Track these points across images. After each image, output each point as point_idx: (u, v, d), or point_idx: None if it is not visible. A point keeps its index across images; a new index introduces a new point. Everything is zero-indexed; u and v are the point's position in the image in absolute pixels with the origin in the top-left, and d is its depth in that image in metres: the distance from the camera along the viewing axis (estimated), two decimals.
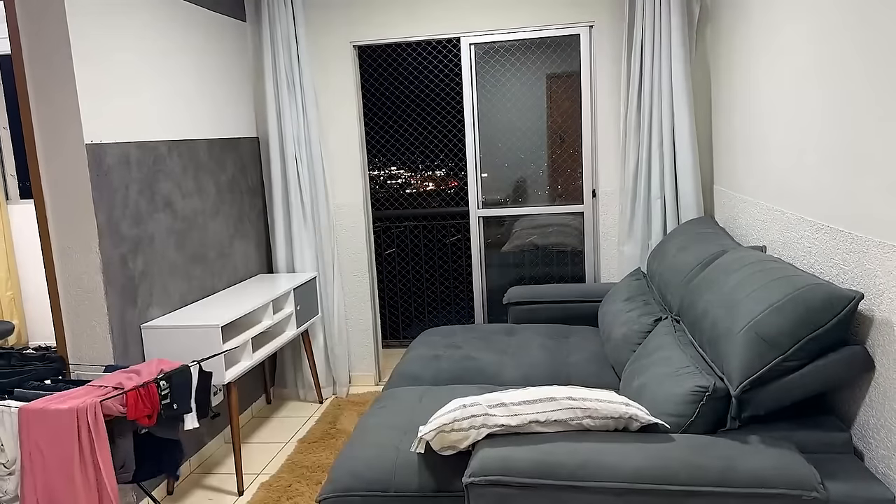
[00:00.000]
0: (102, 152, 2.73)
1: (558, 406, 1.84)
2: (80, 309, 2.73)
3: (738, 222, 3.07)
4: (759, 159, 2.72)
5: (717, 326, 2.02)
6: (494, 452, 1.78)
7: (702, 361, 2.07)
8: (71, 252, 2.70)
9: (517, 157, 4.33)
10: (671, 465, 1.69)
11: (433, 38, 3.97)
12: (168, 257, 3.13)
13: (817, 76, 2.10)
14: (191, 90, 3.37)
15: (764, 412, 1.87)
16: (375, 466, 2.06)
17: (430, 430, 1.90)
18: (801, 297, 1.81)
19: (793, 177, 2.33)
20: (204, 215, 3.44)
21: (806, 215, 2.22)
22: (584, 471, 1.70)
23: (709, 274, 2.34)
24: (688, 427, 1.88)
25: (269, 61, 3.84)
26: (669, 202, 3.62)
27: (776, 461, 1.68)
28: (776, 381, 1.84)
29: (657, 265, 3.04)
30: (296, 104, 3.88)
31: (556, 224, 4.30)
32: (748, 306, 1.92)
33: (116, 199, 2.80)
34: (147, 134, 3.02)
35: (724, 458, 1.69)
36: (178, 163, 3.24)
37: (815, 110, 2.11)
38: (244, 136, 3.90)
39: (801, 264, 2.25)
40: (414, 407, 2.48)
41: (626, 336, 2.70)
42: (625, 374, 2.41)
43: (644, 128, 3.61)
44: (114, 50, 2.83)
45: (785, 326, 1.80)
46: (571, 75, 4.02)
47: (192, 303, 3.29)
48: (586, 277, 4.06)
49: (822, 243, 2.09)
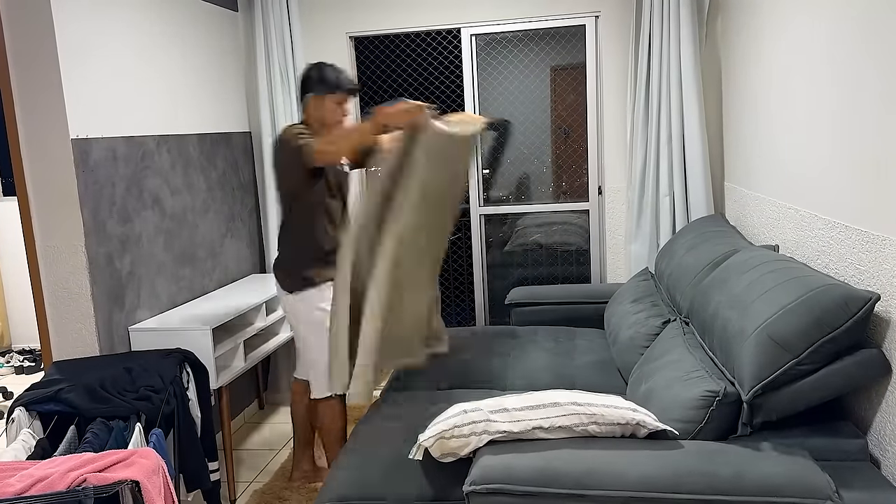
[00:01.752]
0: (88, 147, 2.72)
1: (562, 412, 1.84)
2: (66, 310, 2.73)
3: (749, 220, 3.07)
4: (772, 155, 2.72)
5: (728, 329, 2.02)
6: (496, 460, 1.78)
7: (712, 365, 2.08)
8: (56, 251, 2.70)
9: (520, 152, 4.33)
10: (679, 473, 1.69)
11: (433, 28, 3.97)
12: (157, 257, 3.13)
13: (832, 69, 2.09)
14: (180, 83, 3.37)
15: (776, 418, 1.88)
16: (373, 474, 2.06)
17: (430, 436, 1.90)
18: (815, 298, 1.81)
19: (807, 173, 2.33)
20: (194, 213, 3.44)
21: (820, 213, 2.22)
22: (589, 479, 1.70)
23: (719, 274, 2.34)
24: (697, 433, 1.88)
25: (261, 53, 3.84)
26: (678, 199, 3.62)
27: (789, 469, 1.68)
28: (789, 385, 1.84)
29: (666, 265, 3.04)
30: (289, 97, 3.88)
31: (561, 222, 4.30)
32: (760, 308, 1.92)
33: (103, 196, 2.80)
34: (135, 128, 3.02)
35: (735, 465, 1.69)
36: (167, 158, 3.24)
37: (830, 104, 2.11)
38: (236, 130, 3.90)
39: (816, 264, 2.25)
40: (413, 412, 2.48)
41: (633, 339, 2.70)
42: (632, 379, 2.42)
43: (652, 122, 3.61)
44: (100, 41, 2.83)
45: (798, 329, 1.80)
46: (577, 67, 4.02)
47: (182, 304, 3.29)
48: (592, 278, 4.06)
49: (836, 242, 2.09)
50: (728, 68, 3.44)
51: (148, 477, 1.63)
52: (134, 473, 1.60)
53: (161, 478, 1.73)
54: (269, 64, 3.85)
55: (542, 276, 4.40)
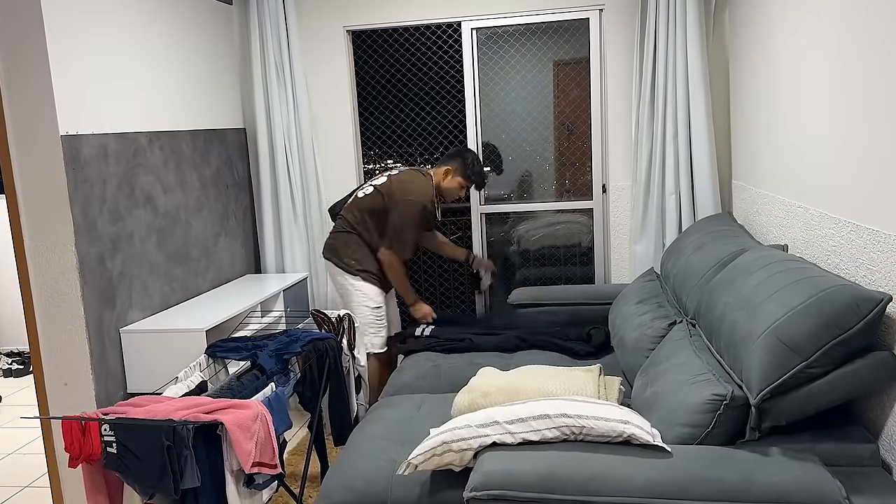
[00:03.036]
0: (79, 144, 2.72)
1: (552, 424, 1.85)
2: (55, 311, 2.73)
3: (757, 219, 3.07)
4: (781, 152, 2.72)
5: (736, 331, 2.02)
6: (498, 465, 1.78)
7: (719, 368, 2.07)
8: (45, 251, 2.70)
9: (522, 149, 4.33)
10: (687, 479, 1.69)
11: (432, 22, 3.97)
12: (149, 256, 3.13)
13: (844, 64, 2.09)
14: (173, 78, 3.37)
15: (785, 422, 1.87)
16: (370, 479, 2.06)
17: (419, 453, 1.92)
18: (825, 299, 1.81)
19: (817, 171, 2.33)
20: (187, 211, 3.44)
21: (831, 212, 2.22)
22: (594, 484, 1.70)
23: (727, 274, 2.34)
24: (704, 438, 1.88)
25: (256, 47, 3.84)
26: (685, 198, 3.62)
27: (798, 474, 1.68)
28: (799, 388, 1.83)
29: (672, 265, 3.04)
30: (285, 93, 3.88)
31: (564, 221, 4.30)
32: (769, 309, 1.92)
33: (94, 194, 2.80)
34: (126, 124, 3.01)
35: (743, 471, 1.69)
36: (160, 155, 3.23)
37: (842, 99, 2.11)
38: (230, 126, 3.90)
39: (826, 264, 2.25)
40: (412, 417, 2.48)
41: (638, 341, 2.69)
42: (637, 382, 2.41)
43: (658, 118, 3.61)
44: (91, 35, 2.83)
45: (808, 330, 1.79)
46: (580, 62, 4.02)
47: (175, 305, 3.29)
48: (596, 278, 4.06)
49: (847, 242, 2.09)
50: (736, 62, 3.44)
51: (239, 423, 2.03)
52: (226, 418, 2.02)
53: (259, 424, 2.09)
54: (264, 58, 3.85)
55: (544, 276, 4.40)
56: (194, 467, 1.97)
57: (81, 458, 2.03)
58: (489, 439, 1.87)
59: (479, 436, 1.88)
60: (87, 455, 2.02)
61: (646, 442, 1.81)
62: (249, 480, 2.10)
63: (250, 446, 2.05)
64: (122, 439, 2.00)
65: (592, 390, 2.24)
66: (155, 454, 1.97)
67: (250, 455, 2.04)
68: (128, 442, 2.00)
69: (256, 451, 2.06)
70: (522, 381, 2.33)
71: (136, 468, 2.00)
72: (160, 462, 1.96)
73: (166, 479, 1.97)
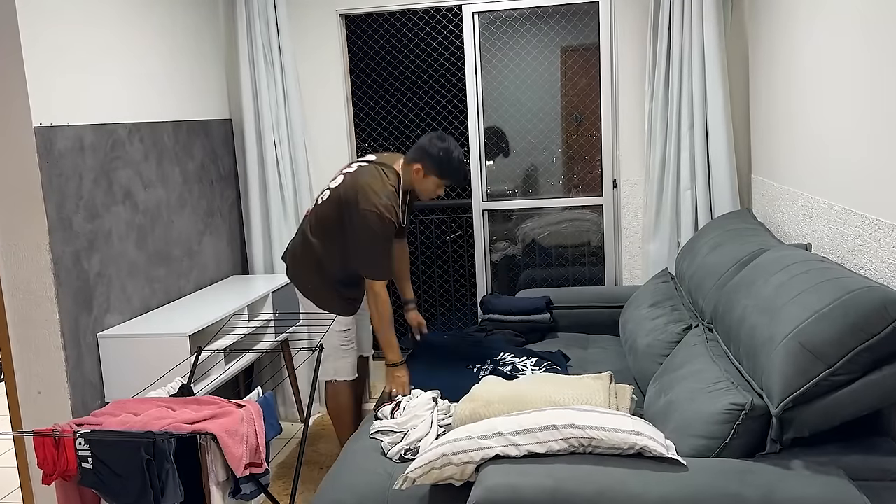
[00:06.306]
0: (53, 136, 2.72)
1: (559, 435, 1.85)
2: (28, 315, 2.73)
3: (779, 216, 3.07)
4: (804, 145, 2.72)
5: (756, 336, 2.02)
6: (502, 479, 1.78)
7: (738, 376, 2.08)
8: (18, 250, 2.70)
9: (527, 142, 4.33)
10: (702, 494, 1.69)
11: (431, 5, 3.97)
12: (128, 256, 3.13)
13: (871, 49, 2.09)
14: (154, 66, 3.37)
15: (808, 433, 1.87)
16: (364, 495, 2.07)
17: (418, 466, 1.92)
18: (851, 302, 1.81)
19: (843, 165, 2.33)
20: (169, 208, 3.44)
21: (858, 209, 2.22)
22: (604, 500, 1.70)
23: (746, 276, 2.34)
24: (722, 450, 1.88)
25: (243, 33, 3.83)
26: (701, 193, 3.62)
27: (823, 489, 1.68)
28: (823, 398, 1.83)
29: (687, 266, 3.04)
30: (274, 82, 3.88)
31: (572, 219, 4.30)
32: (791, 312, 1.92)
33: (69, 190, 2.80)
34: (104, 115, 3.01)
35: (764, 485, 1.69)
36: (140, 148, 3.24)
37: (871, 90, 2.11)
38: (215, 117, 3.90)
39: (852, 265, 2.25)
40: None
41: (651, 346, 2.70)
42: (650, 390, 2.42)
43: (672, 109, 3.61)
44: (67, 20, 2.83)
45: (833, 336, 1.79)
46: (589, 49, 4.02)
47: (156, 308, 3.29)
48: (606, 279, 4.07)
49: (875, 241, 2.09)
50: (756, 50, 3.44)
51: (227, 429, 2.05)
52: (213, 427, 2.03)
53: (245, 425, 2.11)
54: (251, 45, 3.84)
55: (551, 277, 4.40)
56: (176, 482, 1.97)
57: (56, 474, 2.02)
58: (492, 451, 1.87)
59: (481, 448, 1.88)
60: (61, 471, 2.01)
61: (659, 454, 1.81)
62: (235, 490, 2.11)
63: (240, 450, 2.06)
64: (98, 454, 1.99)
65: (602, 399, 2.24)
66: (134, 469, 1.96)
67: (241, 459, 2.05)
68: (104, 457, 1.99)
69: (247, 453, 2.07)
70: (527, 390, 2.33)
71: (114, 484, 2.00)
72: (139, 478, 1.95)
73: (146, 495, 1.96)
